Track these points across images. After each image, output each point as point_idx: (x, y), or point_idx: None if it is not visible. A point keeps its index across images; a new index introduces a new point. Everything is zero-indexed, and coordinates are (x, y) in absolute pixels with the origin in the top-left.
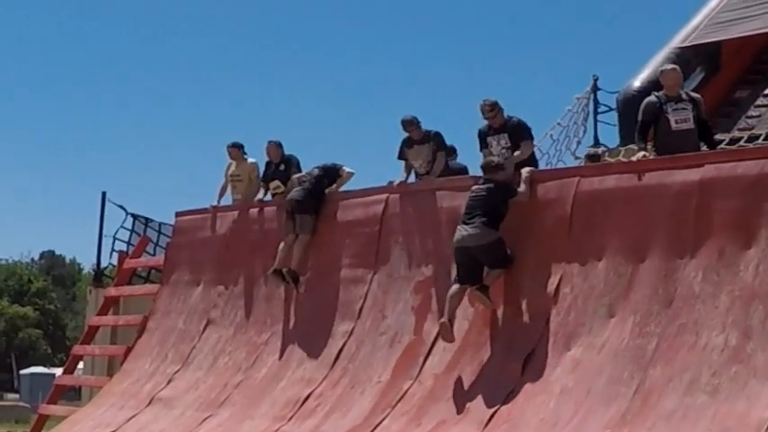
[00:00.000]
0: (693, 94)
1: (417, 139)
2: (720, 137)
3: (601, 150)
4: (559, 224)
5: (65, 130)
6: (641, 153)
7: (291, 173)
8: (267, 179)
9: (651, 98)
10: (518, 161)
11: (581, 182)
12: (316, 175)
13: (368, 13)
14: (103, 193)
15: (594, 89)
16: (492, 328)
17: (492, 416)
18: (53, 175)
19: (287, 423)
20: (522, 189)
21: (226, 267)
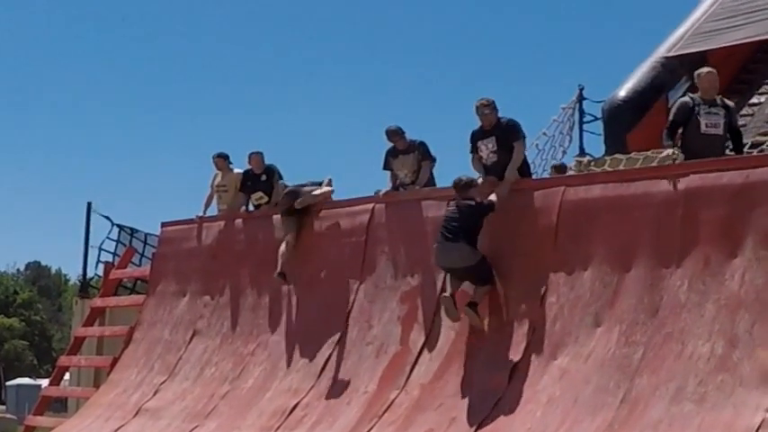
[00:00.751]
0: (728, 102)
1: (402, 149)
2: None
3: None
4: (545, 234)
5: (50, 141)
6: (668, 151)
7: (274, 182)
8: (249, 190)
9: (685, 98)
10: (518, 166)
11: (567, 191)
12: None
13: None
14: (89, 204)
15: (580, 99)
16: (478, 337)
17: (479, 425)
18: (39, 185)
19: None
20: (494, 199)
21: (212, 278)
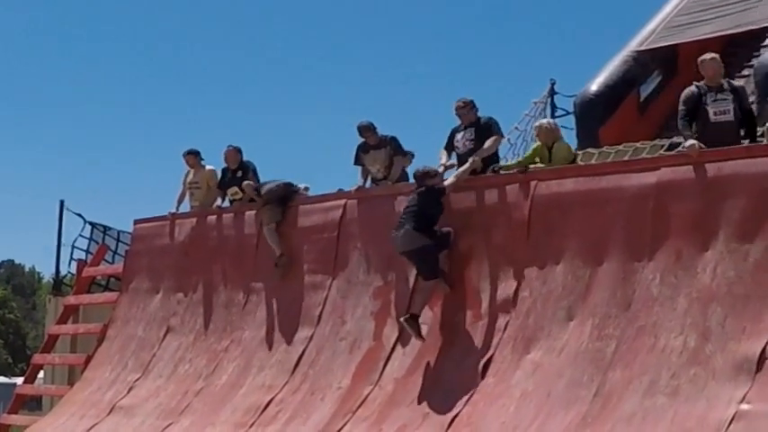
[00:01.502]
0: (735, 83)
1: (373, 144)
2: (677, 139)
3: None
4: (517, 228)
5: (21, 139)
6: (690, 142)
7: (248, 179)
8: (225, 185)
9: (691, 87)
10: (485, 155)
11: (538, 185)
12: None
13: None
14: (61, 202)
15: (551, 93)
16: (452, 332)
17: (453, 420)
18: (11, 184)
19: (248, 430)
20: (450, 181)
21: (185, 275)
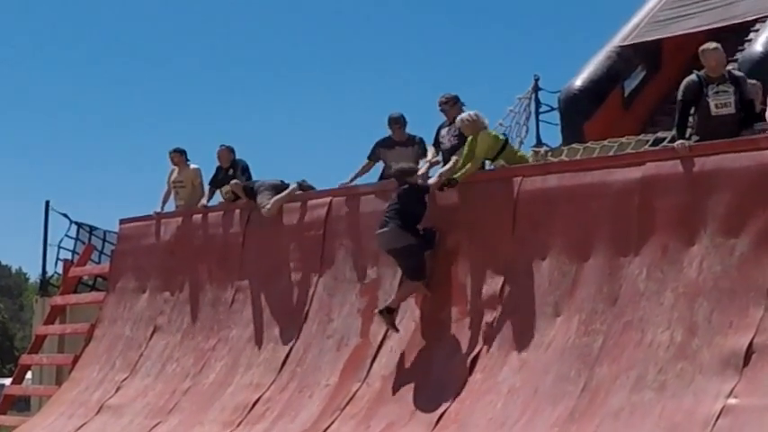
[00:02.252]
0: (737, 73)
1: (399, 141)
2: (662, 134)
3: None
4: (503, 224)
5: (6, 139)
6: (680, 141)
7: (237, 177)
8: (218, 184)
9: (692, 77)
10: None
11: (524, 181)
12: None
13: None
14: (47, 202)
15: (536, 89)
16: (439, 328)
17: (440, 417)
18: None
19: (236, 428)
20: (434, 180)
21: (171, 274)
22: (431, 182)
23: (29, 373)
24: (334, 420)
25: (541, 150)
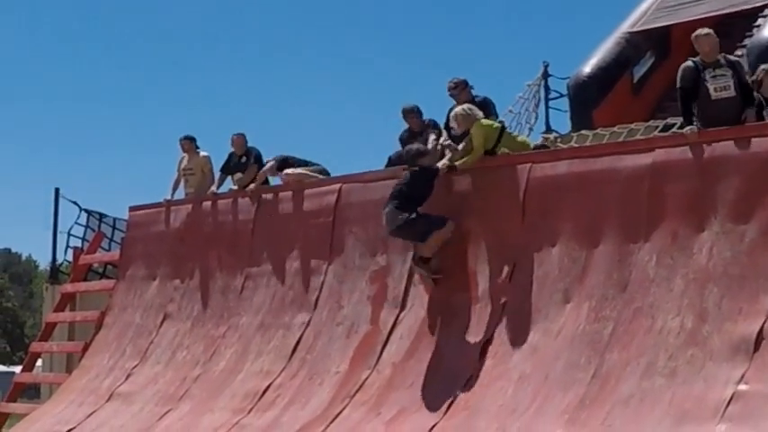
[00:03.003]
0: (732, 58)
1: (418, 131)
2: (672, 120)
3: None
4: (513, 211)
5: (16, 127)
6: (689, 127)
7: (249, 164)
8: (230, 170)
9: (688, 63)
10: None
11: (533, 168)
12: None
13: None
14: (56, 190)
15: (545, 75)
16: (449, 315)
17: (451, 403)
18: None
19: (246, 415)
20: (440, 164)
21: (181, 261)
22: (439, 165)
23: (39, 361)
24: (345, 407)
25: (551, 137)
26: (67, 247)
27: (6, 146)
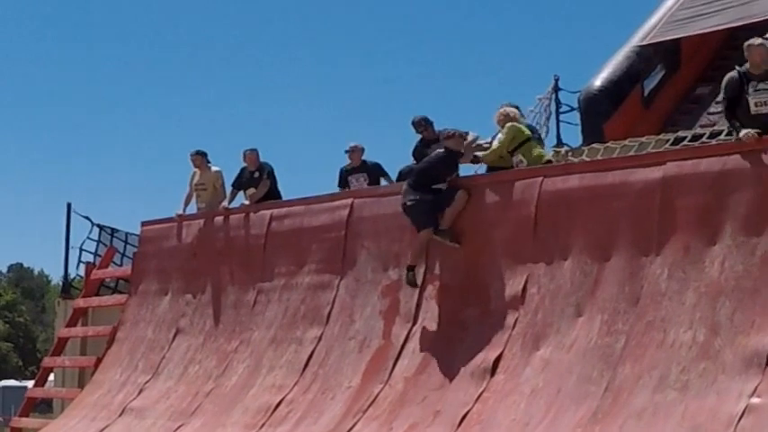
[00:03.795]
0: None
1: (432, 139)
2: (682, 134)
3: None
4: (524, 225)
5: (29, 142)
6: (744, 132)
7: (262, 179)
8: (243, 185)
9: (733, 73)
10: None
11: (545, 182)
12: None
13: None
14: (68, 204)
15: (556, 89)
16: (461, 329)
17: (463, 418)
18: (19, 187)
19: (259, 430)
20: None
21: (193, 276)
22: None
23: (51, 376)
24: (357, 422)
25: (562, 150)
26: (80, 261)
27: (18, 159)
